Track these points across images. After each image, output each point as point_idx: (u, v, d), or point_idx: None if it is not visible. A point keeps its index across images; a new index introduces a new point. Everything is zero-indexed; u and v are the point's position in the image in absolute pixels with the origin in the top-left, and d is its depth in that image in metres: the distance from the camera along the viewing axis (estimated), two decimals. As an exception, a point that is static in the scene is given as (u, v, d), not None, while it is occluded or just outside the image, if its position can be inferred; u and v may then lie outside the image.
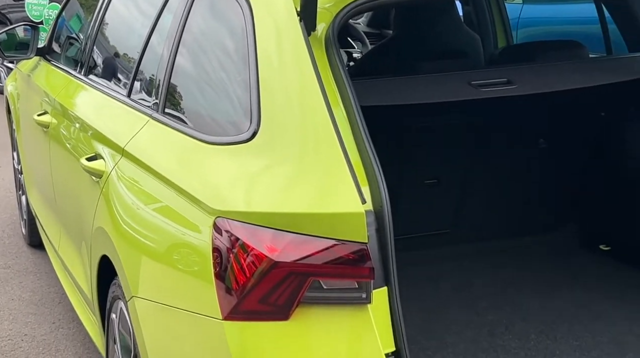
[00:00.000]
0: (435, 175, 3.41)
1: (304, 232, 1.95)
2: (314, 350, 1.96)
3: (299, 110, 2.13)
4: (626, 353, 2.72)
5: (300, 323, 1.95)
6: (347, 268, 1.93)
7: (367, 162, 2.08)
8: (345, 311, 1.95)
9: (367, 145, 2.09)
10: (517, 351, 2.77)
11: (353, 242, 1.92)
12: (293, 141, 2.10)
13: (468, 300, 3.17)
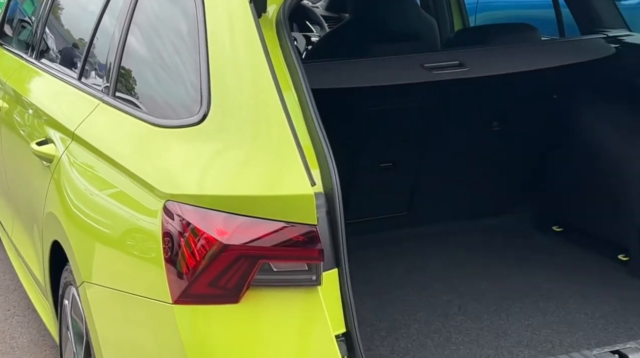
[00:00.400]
0: (391, 158, 3.42)
1: (254, 215, 1.95)
2: (264, 332, 1.96)
3: (249, 93, 2.12)
4: (576, 332, 2.76)
5: (251, 306, 1.95)
6: (297, 251, 1.93)
7: (317, 144, 2.08)
8: (296, 293, 1.95)
9: (318, 127, 2.09)
10: (469, 331, 2.80)
11: (302, 224, 1.92)
12: (243, 124, 2.09)
13: (422, 282, 3.20)
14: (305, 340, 1.96)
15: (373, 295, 3.11)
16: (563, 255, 3.38)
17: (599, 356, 2.20)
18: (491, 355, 2.64)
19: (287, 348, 1.95)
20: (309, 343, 1.96)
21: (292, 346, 1.96)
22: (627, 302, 2.94)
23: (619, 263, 3.21)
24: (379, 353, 2.67)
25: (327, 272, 2.00)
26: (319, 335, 1.95)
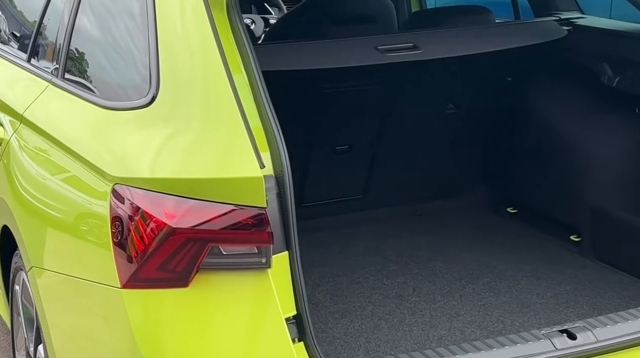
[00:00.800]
0: (347, 141, 3.42)
1: (203, 198, 1.93)
2: (214, 315, 1.95)
3: (198, 75, 2.10)
4: (528, 312, 2.79)
5: (200, 289, 1.94)
6: (246, 234, 1.92)
7: (267, 127, 2.06)
8: (246, 276, 1.94)
9: (268, 110, 2.08)
10: (423, 312, 2.82)
11: (252, 207, 1.91)
12: (192, 106, 2.06)
13: (378, 264, 3.21)
14: (255, 323, 1.96)
15: (328, 278, 3.11)
16: (516, 236, 3.41)
17: (548, 335, 2.22)
18: (444, 335, 2.66)
19: (237, 331, 1.95)
20: (259, 326, 1.96)
21: (242, 329, 1.95)
22: (577, 282, 2.98)
23: (571, 243, 3.25)
24: (332, 336, 2.67)
25: (278, 254, 1.99)
26: (269, 318, 1.94)
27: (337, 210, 3.57)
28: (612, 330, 2.24)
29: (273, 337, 1.94)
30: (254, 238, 1.92)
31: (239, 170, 1.92)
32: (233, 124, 1.98)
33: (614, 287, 2.94)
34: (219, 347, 1.94)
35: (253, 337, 1.96)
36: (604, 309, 2.78)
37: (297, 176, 3.45)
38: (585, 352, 2.19)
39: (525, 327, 2.68)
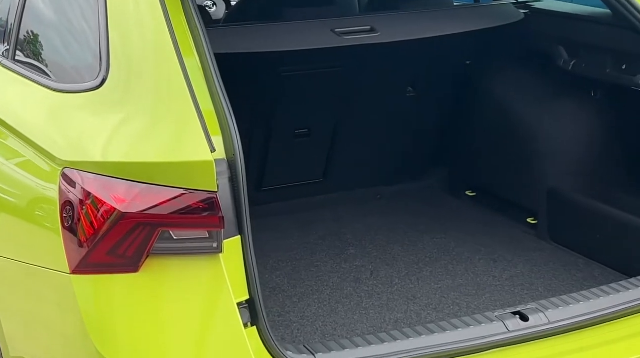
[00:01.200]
0: (306, 124, 3.40)
1: (154, 182, 1.91)
2: (165, 301, 1.93)
3: (148, 57, 2.07)
4: (483, 294, 2.81)
5: (151, 274, 1.92)
6: (197, 218, 1.90)
7: (219, 111, 2.04)
8: (197, 261, 1.93)
9: (220, 93, 2.06)
10: (380, 296, 2.82)
11: (202, 191, 1.90)
12: (142, 90, 2.04)
13: (337, 248, 3.21)
14: (206, 308, 1.94)
15: (287, 262, 3.10)
16: (475, 219, 3.43)
17: (501, 317, 2.23)
18: (400, 318, 2.67)
19: (188, 316, 1.93)
20: (210, 311, 1.95)
21: (194, 314, 1.93)
22: (533, 264, 3.01)
23: (528, 226, 3.28)
24: (289, 320, 2.67)
25: (230, 239, 1.97)
26: (220, 303, 1.93)
27: (297, 194, 3.56)
28: (563, 311, 2.25)
29: (225, 322, 1.93)
30: (204, 223, 1.91)
31: (189, 154, 1.90)
32: (183, 108, 1.96)
33: (569, 268, 2.98)
34: (170, 332, 1.92)
35: (204, 322, 1.94)
36: (559, 291, 2.81)
37: (256, 160, 3.45)
38: (537, 333, 2.21)
39: (480, 309, 2.70)
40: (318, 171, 3.56)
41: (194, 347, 1.93)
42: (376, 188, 3.67)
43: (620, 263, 2.89)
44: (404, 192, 3.71)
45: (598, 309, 2.27)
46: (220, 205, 1.91)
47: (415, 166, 3.73)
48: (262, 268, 3.04)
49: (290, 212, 3.52)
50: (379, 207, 3.60)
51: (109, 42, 2.10)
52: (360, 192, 3.65)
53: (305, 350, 2.09)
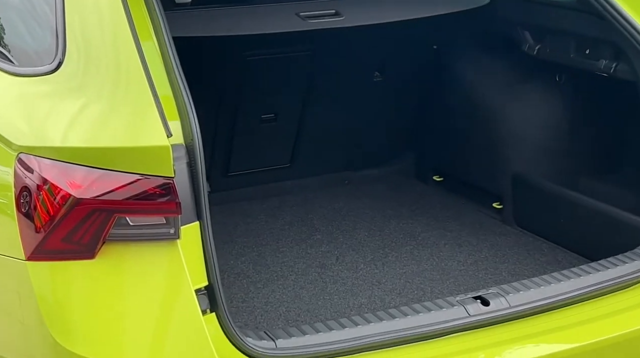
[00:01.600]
0: (272, 110, 3.38)
1: (109, 168, 1.89)
2: (122, 287, 1.91)
3: (105, 41, 2.04)
4: (447, 279, 2.82)
5: (107, 261, 1.89)
6: (153, 204, 1.88)
7: (178, 95, 2.02)
8: (154, 248, 1.90)
9: (178, 77, 2.04)
10: (345, 281, 2.82)
11: (158, 177, 1.87)
12: (98, 73, 2.01)
13: (303, 233, 3.20)
14: (164, 295, 1.92)
15: (253, 247, 3.09)
16: (442, 204, 3.44)
17: (462, 302, 2.24)
18: (364, 303, 2.67)
19: (145, 303, 1.91)
20: (168, 298, 1.93)
21: (151, 301, 1.91)
22: (498, 249, 3.02)
23: (494, 211, 3.29)
24: (253, 305, 2.66)
25: (188, 225, 1.95)
26: (178, 290, 1.91)
27: (264, 179, 3.55)
28: (524, 295, 2.26)
29: (182, 309, 1.91)
30: (161, 209, 1.89)
31: (144, 139, 1.88)
32: (140, 93, 1.93)
33: (533, 253, 2.99)
34: (128, 319, 1.90)
35: (162, 308, 1.92)
36: (522, 275, 2.82)
37: (223, 145, 3.43)
38: (498, 317, 2.22)
39: (444, 294, 2.71)
40: (285, 156, 3.55)
41: (151, 333, 1.91)
42: (344, 174, 3.66)
43: (583, 247, 2.91)
44: (372, 177, 3.71)
45: (558, 293, 2.28)
46: (177, 191, 1.90)
47: (384, 151, 3.73)
48: (227, 254, 3.04)
49: (258, 197, 3.50)
50: (346, 192, 3.59)
51: (65, 25, 2.07)
52: (328, 177, 3.64)
53: (265, 336, 2.08)
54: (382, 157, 3.73)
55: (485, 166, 3.32)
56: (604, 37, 2.69)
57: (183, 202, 1.93)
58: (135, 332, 1.91)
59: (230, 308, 2.60)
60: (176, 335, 1.92)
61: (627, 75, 2.62)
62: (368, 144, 3.67)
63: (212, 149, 3.35)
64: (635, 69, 2.55)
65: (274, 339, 2.06)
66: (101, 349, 1.90)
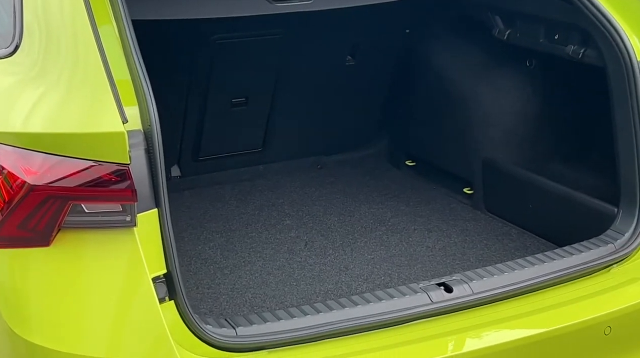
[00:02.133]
0: (243, 93, 3.35)
1: (64, 154, 1.86)
2: (78, 275, 1.88)
3: (63, 24, 2.00)
4: (415, 264, 2.81)
5: (63, 248, 1.87)
6: (108, 191, 1.85)
7: (136, 80, 1.99)
8: (110, 235, 1.88)
9: (137, 62, 2.00)
10: (312, 267, 2.81)
11: (113, 163, 1.85)
12: (56, 58, 1.97)
13: (273, 219, 3.18)
14: (120, 283, 1.90)
15: (222, 232, 3.07)
16: (413, 189, 3.43)
17: (425, 288, 2.23)
18: (330, 289, 2.66)
19: (102, 291, 1.89)
20: (124, 286, 1.90)
21: (108, 289, 1.89)
22: (467, 234, 3.02)
23: (465, 196, 3.28)
24: (218, 292, 2.64)
25: (146, 212, 1.93)
26: (135, 278, 1.89)
27: (236, 163, 3.52)
28: (488, 282, 2.26)
29: (139, 297, 1.89)
30: (116, 196, 1.86)
31: (99, 126, 1.85)
32: (96, 78, 1.90)
33: (502, 238, 2.99)
34: (84, 308, 1.88)
35: (119, 297, 1.90)
36: (490, 261, 2.82)
37: (192, 129, 3.40)
38: (461, 304, 2.21)
39: (410, 280, 2.70)
40: (257, 140, 3.52)
41: (108, 322, 1.89)
42: (317, 158, 3.64)
43: (551, 233, 2.91)
44: (345, 161, 3.69)
45: (521, 280, 2.27)
46: (133, 178, 1.87)
47: (357, 136, 3.71)
48: (195, 239, 3.02)
49: (230, 182, 3.48)
50: (318, 177, 3.57)
51: (23, 8, 2.03)
52: (300, 161, 3.62)
53: (226, 324, 2.06)
54: (356, 142, 3.71)
55: (456, 151, 3.31)
56: (572, 22, 2.67)
57: (140, 189, 1.91)
58: (92, 321, 1.89)
59: (195, 295, 2.63)
60: (133, 323, 1.90)
61: (595, 61, 2.61)
62: (341, 128, 3.65)
63: (182, 133, 3.32)
64: (602, 55, 2.54)
65: (234, 326, 2.05)
66: (58, 338, 1.88)
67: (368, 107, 3.64)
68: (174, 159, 3.39)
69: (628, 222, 2.48)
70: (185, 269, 2.78)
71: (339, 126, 3.63)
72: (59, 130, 1.86)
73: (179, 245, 2.96)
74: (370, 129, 3.71)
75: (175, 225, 3.10)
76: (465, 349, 2.13)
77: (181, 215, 3.20)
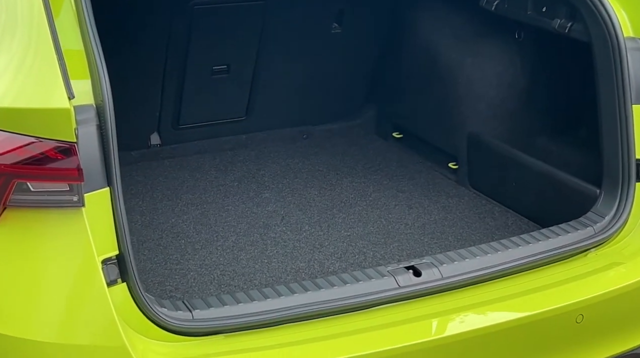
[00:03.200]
0: (224, 61, 3.26)
1: (12, 130, 1.78)
2: (24, 256, 1.81)
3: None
4: (392, 243, 2.73)
5: (9, 228, 1.79)
6: (53, 170, 1.77)
7: (89, 52, 1.90)
8: (57, 215, 1.81)
9: (90, 31, 1.91)
10: (286, 243, 2.73)
11: (58, 141, 1.77)
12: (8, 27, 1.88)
13: (251, 191, 3.11)
14: (68, 265, 1.82)
15: (197, 205, 3.00)
16: (398, 162, 3.34)
17: (393, 272, 2.15)
18: (302, 268, 2.59)
19: (49, 273, 1.82)
20: (72, 268, 1.82)
21: (55, 271, 1.82)
22: (448, 211, 2.93)
23: (450, 171, 3.19)
24: (187, 268, 2.57)
25: (97, 191, 1.86)
26: (82, 260, 1.82)
27: (218, 132, 3.43)
28: (458, 266, 2.17)
29: (87, 279, 1.82)
30: (61, 175, 1.78)
31: (44, 101, 1.75)
32: (45, 50, 1.81)
33: (484, 217, 2.90)
34: (30, 290, 1.81)
35: (67, 279, 1.83)
36: (469, 240, 2.74)
37: (171, 96, 3.31)
38: (429, 289, 2.13)
39: (385, 259, 2.63)
40: (240, 109, 3.43)
41: (57, 305, 1.82)
42: (302, 128, 3.55)
43: (534, 212, 2.82)
44: (331, 131, 3.60)
45: (493, 265, 2.19)
46: (81, 156, 1.79)
47: (344, 105, 3.61)
48: (169, 211, 2.95)
49: (210, 151, 3.40)
50: (303, 148, 3.48)
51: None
52: (285, 131, 3.53)
53: (182, 306, 2.00)
54: (342, 112, 3.62)
55: (442, 124, 3.21)
56: (560, -6, 2.56)
57: (91, 167, 1.83)
58: (41, 304, 1.82)
59: (163, 271, 2.56)
60: (81, 307, 1.83)
61: (582, 36, 2.49)
62: (327, 98, 3.55)
63: (160, 100, 3.24)
64: (588, 30, 2.42)
65: (190, 310, 1.98)
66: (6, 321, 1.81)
67: (355, 76, 3.53)
68: (154, 127, 3.31)
69: (609, 205, 2.39)
70: (156, 243, 2.72)
71: (326, 95, 3.53)
72: (3, 104, 1.78)
73: (153, 217, 2.92)
74: (358, 99, 3.61)
75: (151, 196, 3.09)
76: (430, 336, 2.05)
77: (158, 185, 3.13)
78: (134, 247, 2.69)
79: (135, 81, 3.10)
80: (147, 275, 2.52)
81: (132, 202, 3.00)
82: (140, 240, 2.72)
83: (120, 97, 3.18)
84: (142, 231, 2.78)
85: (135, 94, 3.11)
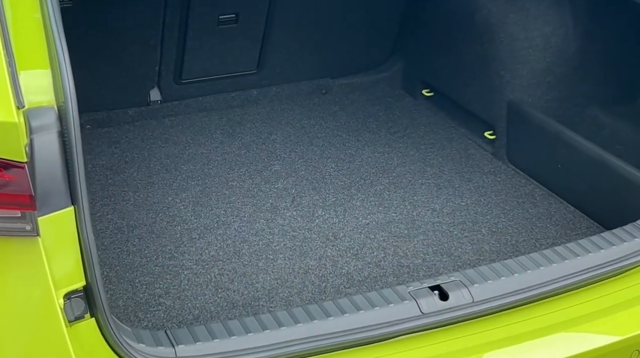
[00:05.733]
0: (232, 9, 2.86)
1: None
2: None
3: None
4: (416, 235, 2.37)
5: (-48, 260, 1.50)
6: None
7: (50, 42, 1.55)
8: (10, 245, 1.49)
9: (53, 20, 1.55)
10: (295, 233, 2.39)
11: (3, 161, 1.44)
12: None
13: (260, 162, 2.75)
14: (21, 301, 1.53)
15: (198, 179, 2.66)
16: (427, 127, 2.96)
17: (415, 294, 1.82)
18: (312, 267, 2.26)
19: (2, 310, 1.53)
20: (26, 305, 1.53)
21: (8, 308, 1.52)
22: (482, 194, 2.57)
23: (486, 141, 2.82)
24: (181, 265, 2.25)
25: (58, 212, 1.53)
26: (37, 296, 1.51)
27: (226, 87, 3.07)
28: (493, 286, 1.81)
29: (42, 318, 1.52)
30: (9, 201, 1.46)
31: (-17, 113, 1.43)
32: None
33: (523, 202, 2.54)
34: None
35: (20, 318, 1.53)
36: (505, 233, 2.39)
37: (172, 47, 2.93)
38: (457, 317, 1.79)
39: (407, 257, 2.29)
40: (251, 62, 3.05)
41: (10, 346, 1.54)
42: (320, 81, 3.17)
43: (582, 201, 2.45)
44: (353, 86, 3.21)
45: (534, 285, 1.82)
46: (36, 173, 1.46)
47: (367, 57, 3.21)
48: (166, 187, 2.62)
49: (217, 109, 3.04)
50: (320, 105, 3.11)
51: None
52: (301, 85, 3.15)
53: (164, 340, 1.69)
54: (366, 64, 3.22)
55: (478, 88, 2.81)
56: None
57: (51, 185, 1.50)
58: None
59: (153, 268, 2.25)
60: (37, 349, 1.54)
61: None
62: (349, 48, 3.14)
63: (160, 51, 2.86)
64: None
65: (174, 344, 1.68)
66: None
67: (381, 24, 3.11)
68: (153, 81, 2.95)
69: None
70: (148, 230, 2.40)
71: (347, 45, 3.13)
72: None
73: (147, 194, 2.59)
74: (384, 50, 3.20)
75: (147, 165, 2.75)
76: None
77: (156, 152, 2.79)
78: (123, 233, 2.41)
79: (133, 30, 2.73)
80: (135, 273, 2.21)
81: (126, 172, 2.68)
82: (131, 225, 2.41)
83: (116, 47, 2.86)
84: (134, 213, 2.46)
85: (133, 44, 2.75)
